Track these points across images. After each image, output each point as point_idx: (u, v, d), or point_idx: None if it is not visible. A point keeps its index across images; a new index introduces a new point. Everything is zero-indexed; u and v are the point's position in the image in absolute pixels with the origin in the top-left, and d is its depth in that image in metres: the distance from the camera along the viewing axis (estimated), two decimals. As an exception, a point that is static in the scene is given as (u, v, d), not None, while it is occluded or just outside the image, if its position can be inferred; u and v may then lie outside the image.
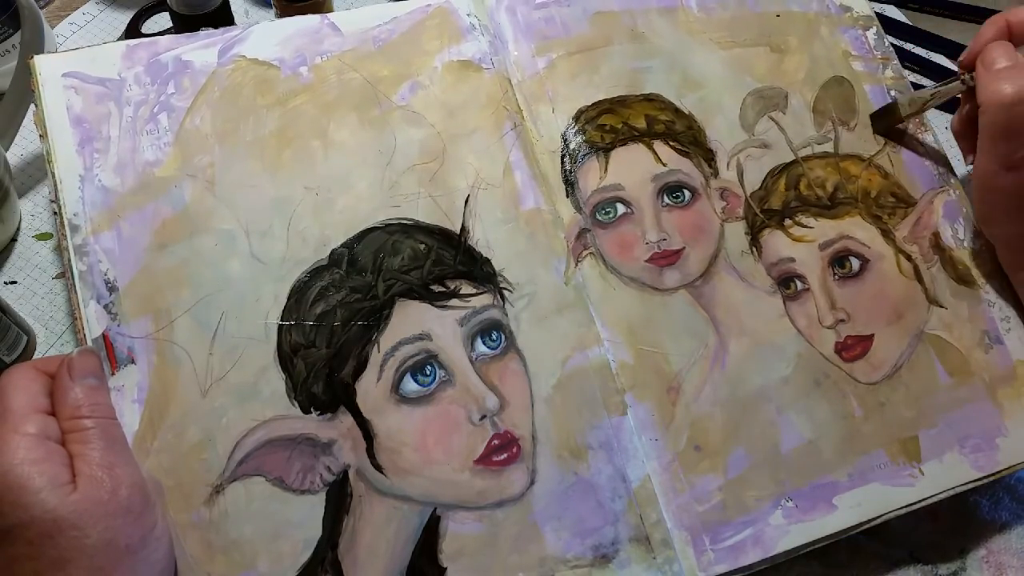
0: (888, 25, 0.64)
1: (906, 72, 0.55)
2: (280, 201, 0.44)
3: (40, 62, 0.43)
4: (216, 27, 0.48)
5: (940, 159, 0.50)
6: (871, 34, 0.52)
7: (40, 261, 0.52)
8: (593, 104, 0.48)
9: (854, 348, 0.45)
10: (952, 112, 0.53)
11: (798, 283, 0.46)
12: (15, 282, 0.52)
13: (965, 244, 0.48)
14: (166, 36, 0.46)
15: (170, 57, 0.45)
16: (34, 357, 0.48)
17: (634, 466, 0.43)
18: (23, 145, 0.57)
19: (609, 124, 0.48)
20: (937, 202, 0.48)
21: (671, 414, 0.44)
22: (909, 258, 0.47)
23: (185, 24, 0.49)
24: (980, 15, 0.66)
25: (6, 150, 0.52)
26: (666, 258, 0.46)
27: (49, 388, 0.38)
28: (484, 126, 0.47)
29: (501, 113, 0.47)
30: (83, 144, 0.43)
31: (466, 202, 0.45)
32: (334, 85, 0.46)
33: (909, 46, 0.65)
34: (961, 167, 0.51)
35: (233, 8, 0.50)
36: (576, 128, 0.48)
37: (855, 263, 0.46)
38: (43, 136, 0.43)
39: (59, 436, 0.36)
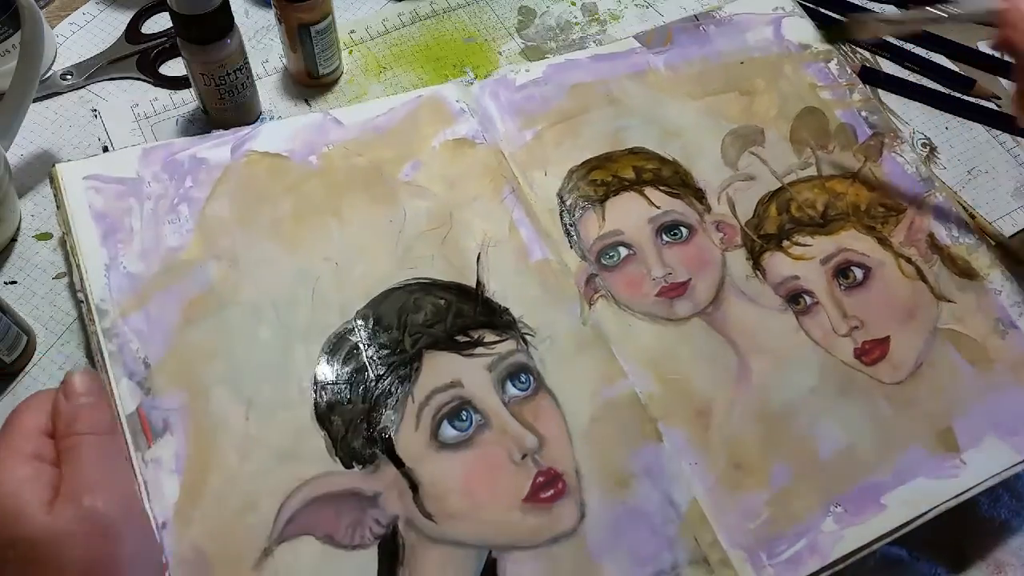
0: None
1: (905, 72, 0.59)
2: (301, 272, 0.45)
3: (62, 169, 0.46)
4: (216, 27, 0.50)
5: (919, 167, 0.53)
6: (833, 65, 0.57)
7: (40, 261, 0.51)
8: (582, 163, 0.52)
9: (873, 352, 0.47)
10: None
11: (807, 298, 0.48)
12: (15, 282, 0.51)
13: (960, 241, 0.51)
14: (179, 139, 0.48)
15: (185, 156, 0.47)
16: (34, 357, 0.47)
17: (679, 490, 0.43)
18: (23, 145, 0.56)
19: (600, 178, 0.51)
20: (926, 205, 0.51)
21: (705, 437, 0.44)
22: (909, 260, 0.50)
23: (185, 24, 0.49)
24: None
25: (6, 150, 0.51)
26: (674, 290, 0.48)
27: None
28: (485, 192, 0.50)
29: (499, 180, 0.50)
30: (107, 236, 0.44)
31: (478, 259, 0.47)
32: (342, 169, 0.49)
33: (909, 46, 0.63)
34: (941, 119, 0.54)
35: (233, 8, 0.51)
36: (570, 186, 0.51)
37: (858, 272, 0.49)
38: (66, 233, 0.44)
39: (53, 457, 0.36)
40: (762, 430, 0.44)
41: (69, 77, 0.59)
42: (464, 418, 0.43)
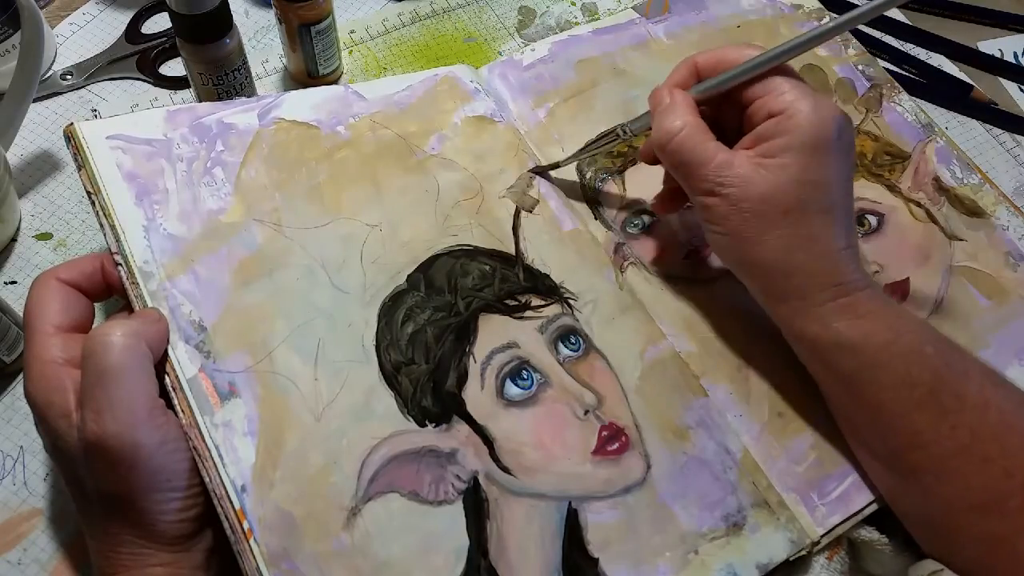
0: (888, 25, 0.65)
1: (905, 72, 0.62)
2: (348, 237, 0.44)
3: (82, 127, 0.42)
4: (215, 27, 0.49)
5: (919, 115, 0.57)
6: (826, 23, 0.60)
7: (40, 261, 0.50)
8: (598, 136, 0.53)
9: (895, 293, 0.50)
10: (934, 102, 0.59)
11: None
12: (15, 282, 0.51)
13: (964, 181, 0.55)
14: (201, 104, 0.46)
15: (212, 120, 0.45)
16: None
17: (732, 440, 0.44)
18: (23, 145, 0.55)
19: (616, 150, 0.53)
20: (929, 150, 0.55)
21: (747, 389, 0.46)
22: (919, 204, 0.53)
23: (184, 24, 0.48)
24: (980, 15, 0.66)
25: (6, 150, 0.50)
26: (700, 252, 0.50)
27: (72, 300, 0.39)
28: (510, 166, 0.50)
29: (522, 155, 0.51)
30: (140, 197, 0.42)
31: (514, 229, 0.48)
32: (370, 140, 0.48)
33: (909, 46, 0.64)
34: (941, 118, 0.57)
35: (233, 8, 0.50)
36: (588, 159, 0.52)
37: (872, 220, 0.52)
38: (93, 193, 0.41)
39: (78, 358, 0.36)
40: (801, 377, 0.46)
41: (69, 77, 0.58)
42: (525, 377, 0.43)
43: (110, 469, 0.34)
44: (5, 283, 0.51)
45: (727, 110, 0.44)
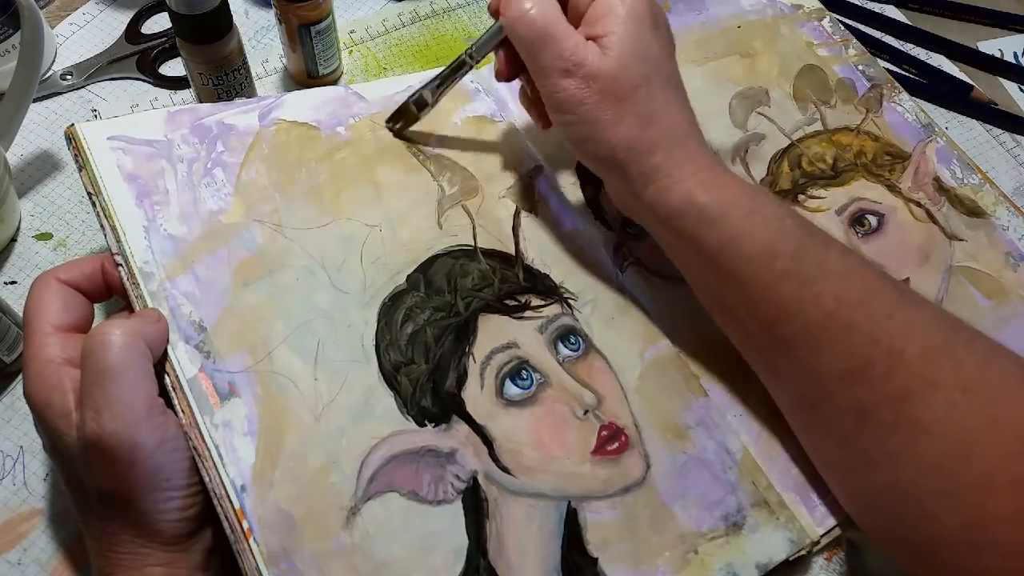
0: (888, 25, 0.65)
1: (905, 72, 0.62)
2: (347, 237, 0.44)
3: (82, 128, 0.43)
4: (215, 27, 0.50)
5: (920, 115, 0.57)
6: (826, 23, 0.61)
7: (40, 261, 0.50)
8: (447, 67, 0.50)
9: None
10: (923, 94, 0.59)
11: None
12: (15, 282, 0.51)
13: (965, 181, 0.54)
14: (202, 105, 0.46)
15: (213, 121, 0.46)
16: None
17: (731, 439, 0.44)
18: (23, 145, 0.55)
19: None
20: (929, 150, 0.55)
21: (746, 389, 0.46)
22: (919, 204, 0.53)
23: (184, 24, 0.49)
24: (980, 15, 0.66)
25: (6, 150, 0.50)
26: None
27: (71, 301, 0.39)
28: (510, 166, 0.50)
29: (522, 155, 0.51)
30: (141, 198, 0.42)
31: (514, 229, 0.48)
32: (370, 141, 0.48)
33: (909, 46, 0.64)
34: (941, 119, 0.56)
35: (233, 8, 0.51)
36: None
37: (872, 220, 0.52)
38: (94, 194, 0.41)
39: (77, 357, 0.36)
40: (800, 378, 0.47)
41: (69, 77, 0.58)
42: (525, 377, 0.43)
43: (109, 468, 0.34)
44: (5, 283, 0.51)
45: None
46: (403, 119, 0.49)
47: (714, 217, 0.40)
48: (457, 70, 0.47)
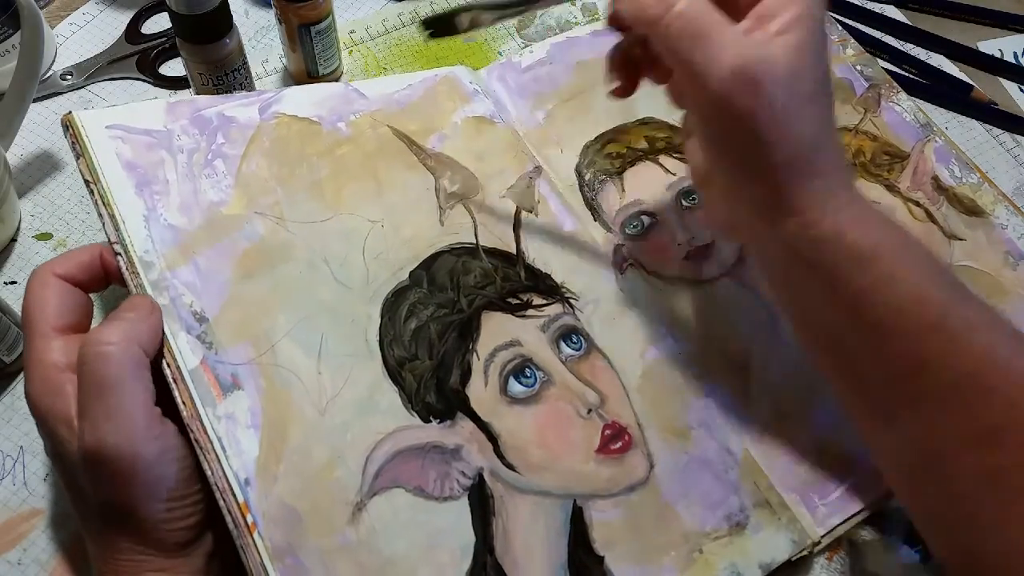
0: (888, 25, 0.65)
1: (905, 72, 0.62)
2: (350, 232, 0.44)
3: (80, 116, 0.42)
4: (215, 27, 0.49)
5: (918, 115, 0.57)
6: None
7: (40, 261, 0.48)
8: (596, 137, 0.53)
9: None
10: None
11: None
12: (15, 282, 0.51)
13: (963, 180, 0.55)
14: (202, 97, 0.46)
15: (213, 112, 0.45)
16: None
17: (732, 440, 0.44)
18: (23, 145, 0.55)
19: (615, 151, 0.53)
20: (928, 150, 0.55)
21: (746, 390, 0.46)
22: (918, 204, 0.53)
23: (184, 24, 0.48)
24: (980, 15, 0.66)
25: (6, 150, 0.50)
26: (699, 253, 0.50)
27: (70, 299, 0.38)
28: (511, 166, 0.50)
29: (522, 156, 0.51)
30: (141, 187, 0.41)
31: (515, 228, 0.48)
32: (371, 138, 0.48)
33: (909, 46, 0.64)
34: (941, 118, 0.57)
35: (233, 8, 0.50)
36: (586, 161, 0.52)
37: None
38: (92, 182, 0.41)
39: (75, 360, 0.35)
40: (800, 379, 0.46)
41: (69, 77, 0.58)
42: (528, 375, 0.42)
43: (109, 480, 0.34)
44: (5, 283, 0.50)
45: None
46: (444, 26, 0.43)
47: (866, 257, 0.35)
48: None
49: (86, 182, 0.41)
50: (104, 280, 0.40)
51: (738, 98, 0.34)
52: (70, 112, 0.42)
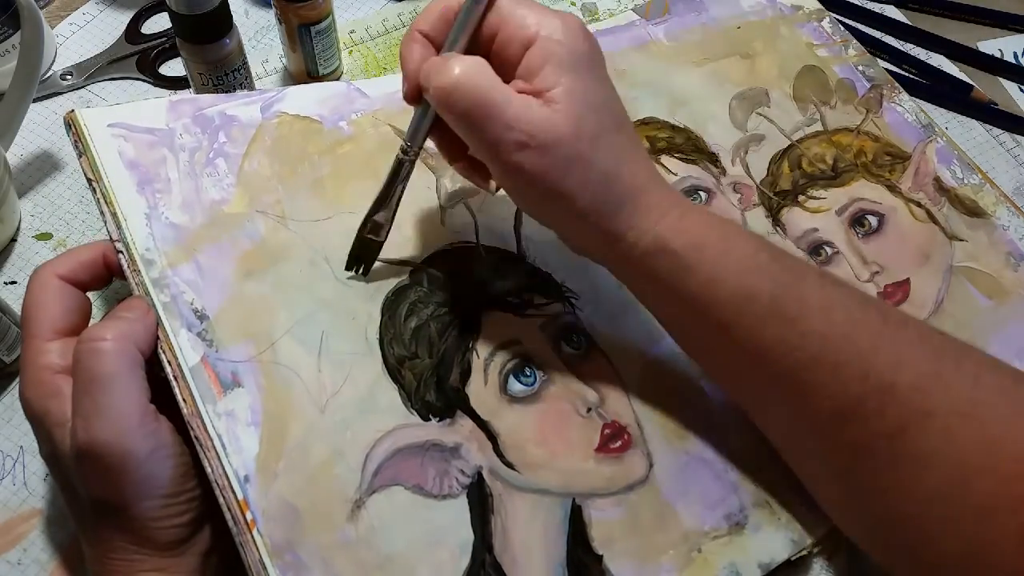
0: (888, 25, 0.65)
1: (905, 72, 0.62)
2: (351, 231, 0.43)
3: (83, 114, 0.42)
4: (215, 27, 0.50)
5: (920, 115, 0.57)
6: (826, 24, 0.61)
7: (40, 261, 0.49)
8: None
9: (895, 294, 0.50)
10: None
11: (827, 249, 0.51)
12: (15, 282, 0.51)
13: (965, 181, 0.55)
14: (204, 95, 0.46)
15: (215, 111, 0.45)
16: None
17: (732, 439, 0.44)
18: (23, 145, 0.55)
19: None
20: (929, 150, 0.55)
21: (746, 390, 0.46)
22: (919, 204, 0.53)
23: (184, 24, 0.49)
24: (980, 15, 0.66)
25: (6, 150, 0.50)
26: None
27: (71, 301, 0.38)
28: (512, 166, 0.50)
29: (524, 155, 0.51)
30: (142, 185, 0.41)
31: (515, 228, 0.48)
32: (373, 136, 0.48)
33: (909, 47, 0.64)
34: (941, 119, 0.57)
35: (233, 8, 0.51)
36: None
37: (872, 220, 0.52)
38: (94, 180, 0.41)
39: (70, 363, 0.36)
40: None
41: (69, 77, 0.58)
42: (528, 374, 0.42)
43: (101, 476, 0.34)
44: (5, 283, 0.50)
45: None
46: (363, 257, 0.43)
47: (688, 263, 0.37)
48: (396, 174, 0.41)
49: (88, 180, 0.41)
50: (106, 278, 0.40)
51: (529, 165, 0.35)
52: (73, 110, 0.42)
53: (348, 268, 0.42)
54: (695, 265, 0.37)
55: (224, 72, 0.52)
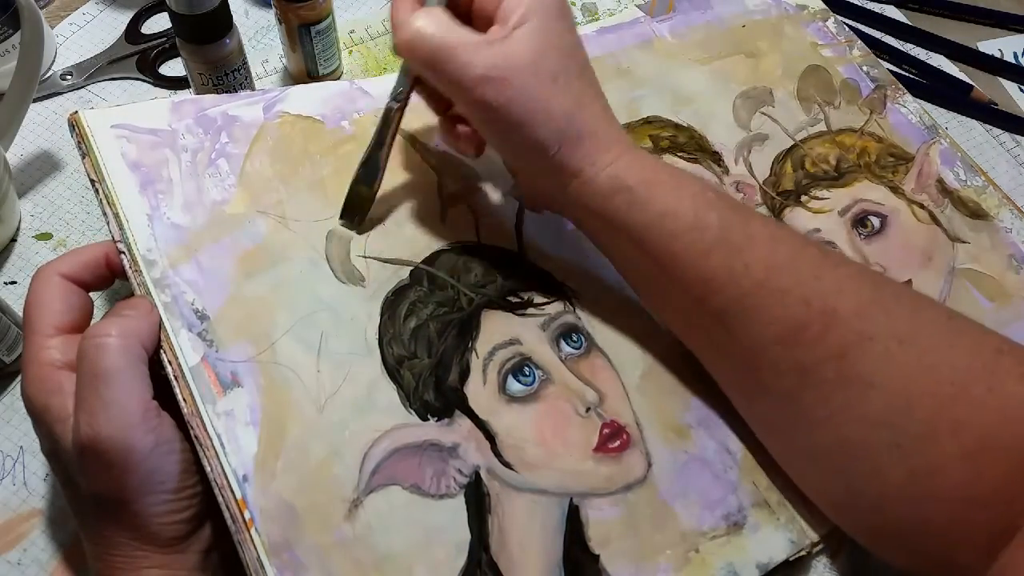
0: (888, 25, 0.65)
1: (905, 72, 0.62)
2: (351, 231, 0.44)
3: (86, 115, 0.42)
4: (215, 27, 0.50)
5: (924, 117, 0.57)
6: (831, 24, 0.61)
7: (40, 261, 0.50)
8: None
9: None
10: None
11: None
12: (15, 282, 0.51)
13: (968, 183, 0.54)
14: (207, 96, 0.46)
15: (217, 112, 0.45)
16: None
17: (732, 439, 0.44)
18: (23, 145, 0.55)
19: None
20: (932, 152, 0.55)
21: (746, 390, 0.46)
22: (922, 206, 0.53)
23: (184, 24, 0.49)
24: (980, 15, 0.66)
25: (6, 150, 0.50)
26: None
27: (73, 299, 0.38)
28: (513, 165, 0.50)
29: (525, 155, 0.51)
30: (145, 186, 0.42)
31: (516, 227, 0.48)
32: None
33: (909, 47, 0.64)
34: (941, 119, 0.57)
35: (233, 8, 0.51)
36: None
37: (875, 221, 0.52)
38: (97, 181, 0.41)
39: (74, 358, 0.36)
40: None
41: (69, 77, 0.59)
42: (527, 373, 0.43)
43: (103, 472, 0.34)
44: (5, 283, 0.51)
45: None
46: (357, 208, 0.44)
47: (642, 198, 0.40)
48: (387, 123, 0.43)
49: (91, 181, 0.41)
50: (109, 279, 0.40)
51: (492, 97, 0.38)
52: (76, 111, 0.42)
53: (341, 218, 0.44)
54: (648, 199, 0.40)
55: (224, 72, 0.52)
